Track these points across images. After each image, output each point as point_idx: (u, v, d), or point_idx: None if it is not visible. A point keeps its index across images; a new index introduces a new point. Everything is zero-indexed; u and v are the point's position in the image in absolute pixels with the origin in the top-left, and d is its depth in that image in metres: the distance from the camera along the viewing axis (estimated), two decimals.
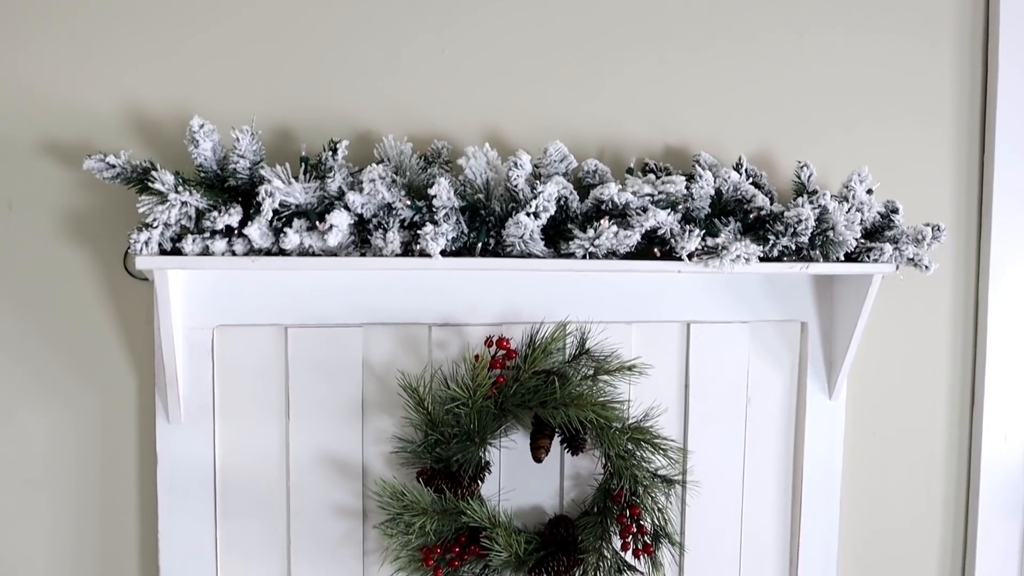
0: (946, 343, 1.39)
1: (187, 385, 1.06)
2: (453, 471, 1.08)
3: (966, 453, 1.42)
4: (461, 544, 1.09)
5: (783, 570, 1.31)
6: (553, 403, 1.07)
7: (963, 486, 1.43)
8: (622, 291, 1.18)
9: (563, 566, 1.10)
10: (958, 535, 1.43)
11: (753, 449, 1.27)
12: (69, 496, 1.07)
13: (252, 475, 1.09)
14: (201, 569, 1.08)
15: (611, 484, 1.13)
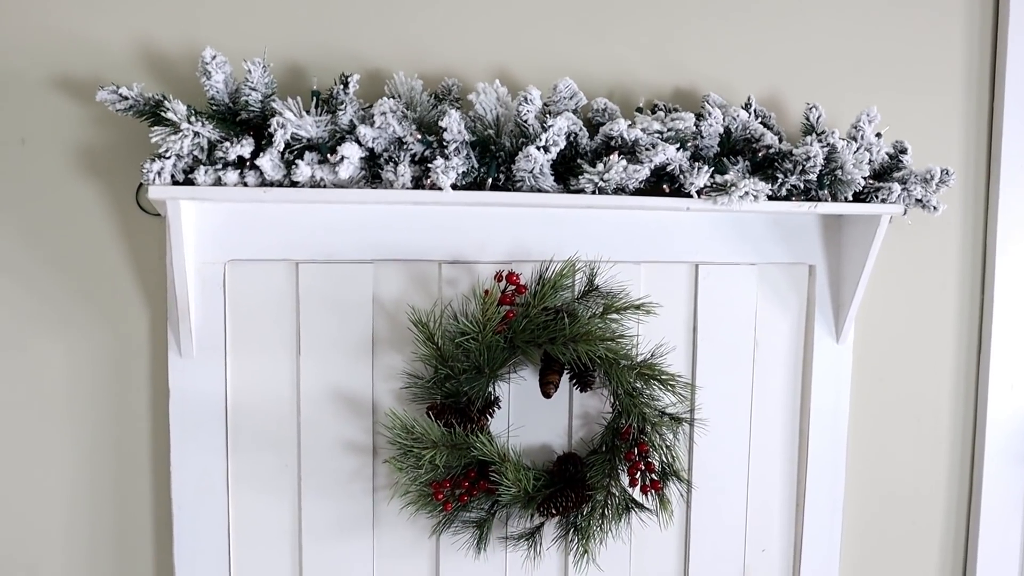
0: (954, 290, 1.40)
1: (199, 319, 1.07)
2: (462, 406, 1.09)
3: (972, 400, 1.43)
4: (470, 479, 1.10)
5: (789, 511, 1.31)
6: (562, 339, 1.07)
7: (969, 433, 1.43)
8: (631, 231, 1.18)
9: (571, 502, 1.11)
10: (963, 482, 1.44)
11: (760, 392, 1.27)
12: (84, 429, 1.08)
13: (263, 410, 1.10)
14: (213, 502, 1.09)
15: (619, 422, 1.14)
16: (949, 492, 1.43)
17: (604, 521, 1.13)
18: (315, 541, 1.12)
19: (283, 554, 1.12)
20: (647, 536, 1.23)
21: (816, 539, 1.32)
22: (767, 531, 1.30)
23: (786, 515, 1.31)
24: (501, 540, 1.17)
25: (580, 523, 1.13)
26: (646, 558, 1.25)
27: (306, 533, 1.12)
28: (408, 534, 1.15)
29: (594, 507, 1.13)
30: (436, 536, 1.15)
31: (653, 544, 1.25)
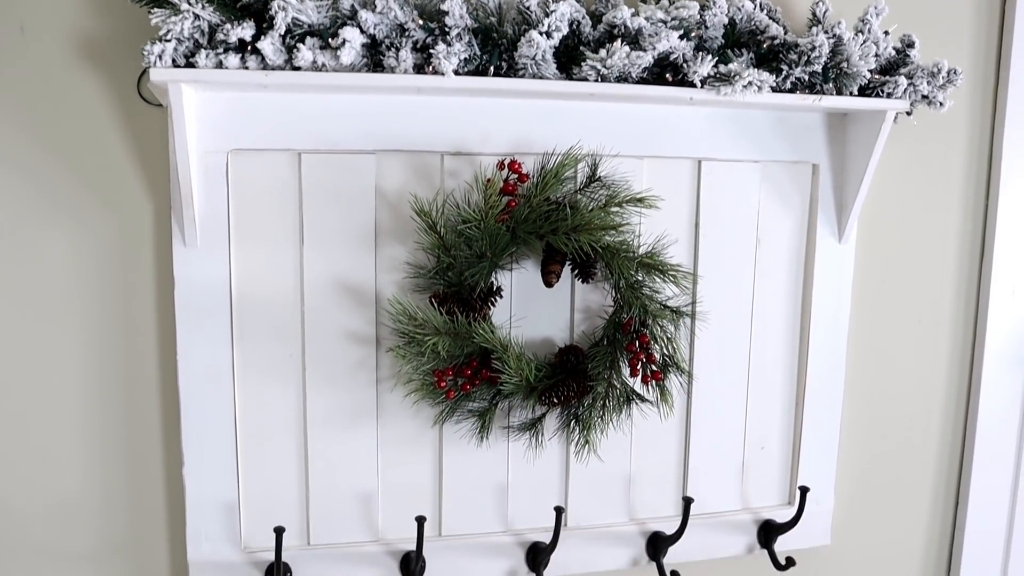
0: (958, 192, 1.39)
1: (202, 209, 1.07)
2: (465, 295, 1.10)
3: (974, 303, 1.43)
4: (473, 368, 1.11)
5: (789, 409, 1.33)
6: (564, 229, 1.07)
7: (969, 335, 1.44)
8: (634, 125, 1.18)
9: (573, 392, 1.13)
10: (962, 383, 1.45)
11: (762, 290, 1.28)
12: (90, 320, 1.09)
13: (268, 300, 1.11)
14: (219, 391, 1.11)
15: (621, 315, 1.15)
16: (948, 393, 1.45)
17: (605, 412, 1.15)
18: (320, 430, 1.14)
19: (289, 442, 1.14)
20: (648, 428, 1.25)
21: (815, 438, 1.34)
22: (766, 429, 1.32)
23: (785, 413, 1.33)
24: (503, 430, 1.18)
25: (581, 414, 1.15)
26: (646, 450, 1.26)
27: (311, 422, 1.14)
28: (412, 424, 1.17)
29: (595, 398, 1.14)
30: (439, 426, 1.17)
31: (654, 437, 1.26)
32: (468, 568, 1.21)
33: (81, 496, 1.13)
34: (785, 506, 1.35)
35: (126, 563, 1.15)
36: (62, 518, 1.12)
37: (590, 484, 1.24)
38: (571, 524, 1.25)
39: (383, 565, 1.18)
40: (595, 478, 1.24)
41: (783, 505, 1.35)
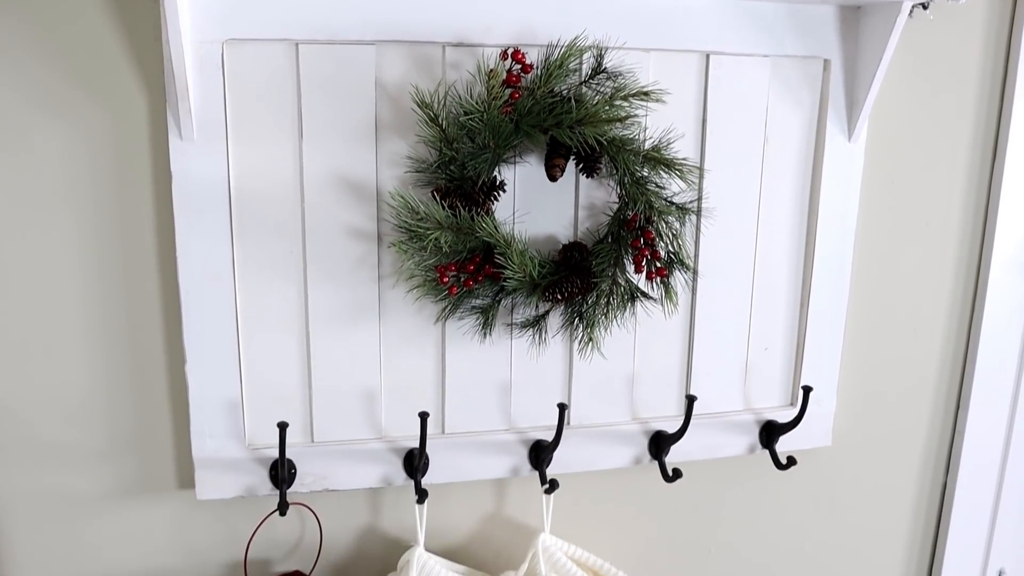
0: (972, 93, 1.36)
1: (198, 101, 1.04)
2: (467, 190, 1.08)
3: (983, 208, 1.41)
4: (476, 264, 1.10)
5: (793, 310, 1.32)
6: (568, 122, 1.05)
7: (977, 241, 1.42)
8: (641, 15, 1.14)
9: (577, 288, 1.12)
10: (968, 289, 1.44)
11: (769, 188, 1.26)
12: (87, 216, 1.08)
13: (267, 195, 1.09)
14: (220, 287, 1.10)
15: (625, 212, 1.13)
16: (953, 298, 1.44)
17: (609, 310, 1.14)
18: (322, 327, 1.14)
19: (291, 340, 1.14)
20: (652, 327, 1.25)
21: (818, 339, 1.33)
22: (770, 329, 1.31)
23: (790, 314, 1.32)
24: (506, 327, 1.18)
25: (585, 311, 1.14)
26: (650, 349, 1.26)
27: (313, 319, 1.13)
28: (414, 321, 1.16)
29: (599, 296, 1.13)
30: (442, 323, 1.17)
31: (657, 335, 1.26)
32: (471, 465, 1.21)
33: (85, 395, 1.13)
34: (787, 407, 1.35)
35: (132, 461, 1.16)
36: (67, 417, 1.13)
37: (593, 383, 1.24)
38: (574, 423, 1.25)
39: (387, 462, 1.18)
40: (598, 377, 1.24)
41: (785, 406, 1.35)
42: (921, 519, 1.54)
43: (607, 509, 1.34)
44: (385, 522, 1.25)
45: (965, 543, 1.58)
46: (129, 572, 1.19)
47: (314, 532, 1.23)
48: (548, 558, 1.20)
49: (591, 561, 1.26)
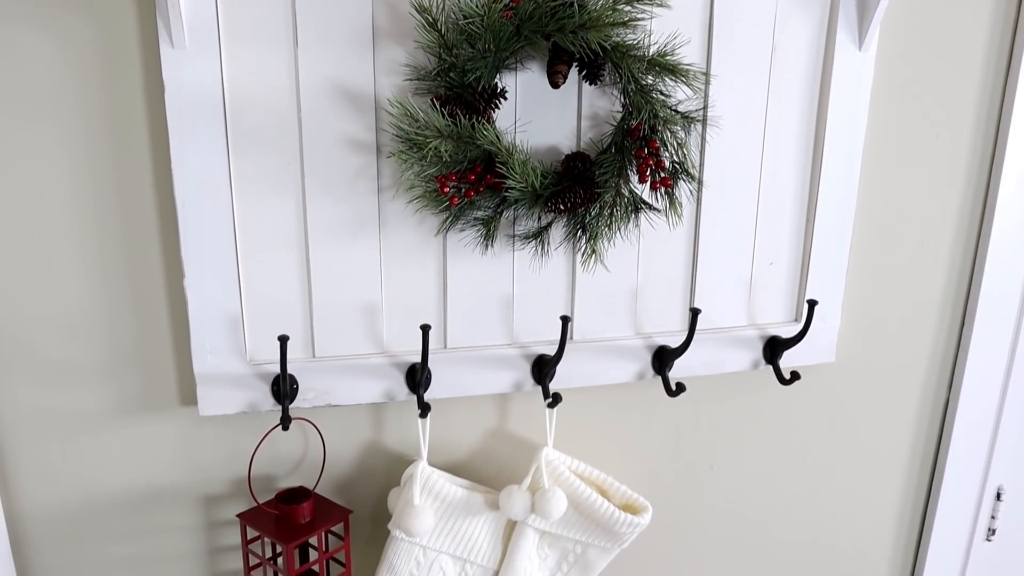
0: (987, 3, 1.31)
1: (188, 6, 1.01)
2: (468, 98, 1.05)
3: (995, 120, 1.38)
4: (477, 174, 1.08)
5: (799, 225, 1.30)
6: (571, 27, 1.02)
7: (988, 154, 1.40)
8: None
9: (579, 199, 1.10)
10: (977, 205, 1.42)
11: (776, 98, 1.23)
12: (78, 130, 1.05)
13: (262, 105, 1.06)
14: (216, 201, 1.08)
15: (629, 121, 1.10)
16: (961, 214, 1.42)
17: (612, 221, 1.12)
18: (321, 241, 1.12)
19: (290, 254, 1.12)
20: (656, 240, 1.23)
21: (824, 255, 1.32)
22: (775, 244, 1.30)
23: (795, 228, 1.30)
24: (508, 239, 1.16)
25: (588, 222, 1.12)
26: (654, 263, 1.24)
27: (312, 233, 1.12)
28: (415, 234, 1.15)
29: (602, 207, 1.12)
30: (443, 234, 1.15)
31: (661, 248, 1.24)
32: (473, 380, 1.21)
33: (84, 312, 1.11)
34: (791, 323, 1.34)
35: (133, 377, 1.15)
36: (67, 334, 1.12)
37: (596, 297, 1.23)
38: (577, 337, 1.24)
39: (389, 377, 1.18)
40: (601, 291, 1.23)
41: (789, 322, 1.34)
42: (922, 435, 1.55)
43: (610, 424, 1.34)
44: (388, 437, 1.25)
45: (965, 461, 1.59)
46: (134, 488, 1.20)
47: (317, 448, 1.23)
48: (551, 472, 1.21)
49: (594, 475, 1.26)
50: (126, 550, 1.23)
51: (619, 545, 1.26)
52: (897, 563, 1.64)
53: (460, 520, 1.21)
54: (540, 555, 1.27)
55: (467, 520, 1.21)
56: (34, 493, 1.17)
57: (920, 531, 1.64)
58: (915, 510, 1.61)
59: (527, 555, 1.24)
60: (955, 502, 1.62)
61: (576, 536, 1.25)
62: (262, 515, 1.17)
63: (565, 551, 1.27)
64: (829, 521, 1.55)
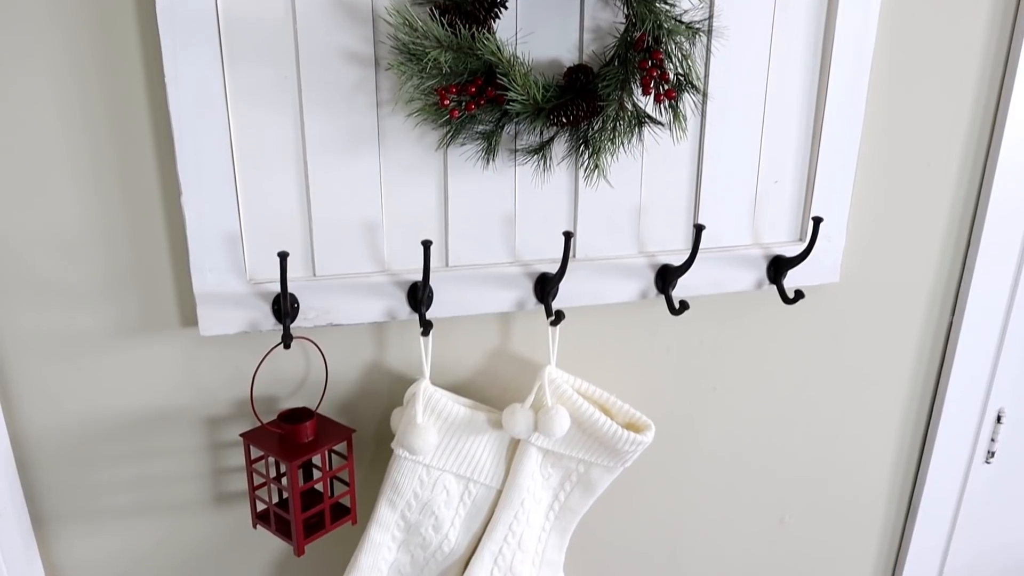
0: None
1: None
2: (467, 8, 1.02)
3: (1007, 37, 1.35)
4: (477, 86, 1.05)
5: (806, 137, 1.28)
6: None
7: (999, 71, 1.37)
8: None
9: (582, 111, 1.07)
10: (986, 122, 1.40)
11: (783, 8, 1.20)
12: (69, 46, 1.02)
13: (257, 17, 1.04)
14: (212, 117, 1.05)
15: (632, 33, 1.07)
16: (971, 129, 1.39)
17: (616, 135, 1.10)
18: (320, 157, 1.10)
19: (288, 171, 1.10)
20: (659, 155, 1.21)
21: (830, 173, 1.30)
22: (781, 161, 1.28)
23: (801, 145, 1.28)
24: (510, 153, 1.14)
25: (591, 136, 1.10)
26: (657, 179, 1.23)
27: (310, 149, 1.10)
28: (415, 149, 1.13)
29: (605, 120, 1.09)
30: (443, 148, 1.13)
31: (665, 165, 1.22)
32: (475, 298, 1.20)
33: (81, 231, 1.10)
34: (796, 242, 1.33)
35: (133, 298, 1.14)
36: (64, 254, 1.10)
37: (599, 215, 1.22)
38: (579, 255, 1.23)
39: (390, 295, 1.17)
40: (604, 209, 1.22)
41: (794, 241, 1.33)
42: (925, 357, 1.55)
43: (612, 344, 1.33)
44: (390, 357, 1.24)
45: (966, 384, 1.59)
46: (137, 410, 1.20)
47: (319, 368, 1.23)
48: (554, 390, 1.21)
49: (597, 394, 1.26)
50: (131, 471, 1.23)
51: (622, 464, 1.27)
52: (897, 483, 1.66)
53: (463, 439, 1.21)
54: (543, 474, 1.27)
55: (470, 439, 1.21)
56: (37, 415, 1.17)
57: (920, 452, 1.65)
58: (915, 431, 1.62)
59: (530, 474, 1.25)
60: (955, 424, 1.62)
61: (579, 455, 1.25)
62: (265, 434, 1.17)
63: (568, 470, 1.28)
64: (830, 442, 1.56)
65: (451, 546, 1.27)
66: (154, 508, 1.26)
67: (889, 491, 1.66)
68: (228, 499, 1.28)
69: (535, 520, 1.30)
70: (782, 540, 1.63)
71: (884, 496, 1.66)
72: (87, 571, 1.28)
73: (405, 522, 1.24)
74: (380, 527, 1.23)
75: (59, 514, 1.23)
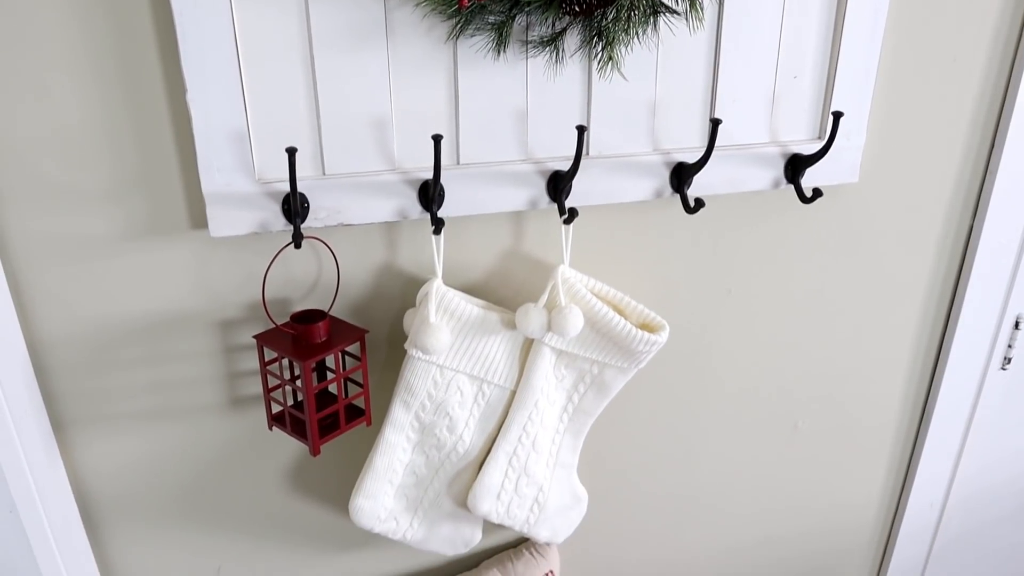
0: None
1: None
2: None
3: None
4: None
5: (827, 31, 1.23)
6: None
7: None
8: None
9: (595, 0, 1.04)
10: (1016, 16, 1.34)
11: None
12: None
13: None
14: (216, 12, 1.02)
15: None
16: (1000, 21, 1.34)
17: (630, 25, 1.07)
18: (327, 52, 1.07)
19: (295, 67, 1.08)
20: (675, 47, 1.17)
21: (851, 70, 1.26)
22: (800, 56, 1.24)
23: (822, 40, 1.24)
24: (522, 45, 1.11)
25: (604, 27, 1.07)
26: (673, 73, 1.19)
27: (317, 44, 1.07)
28: (424, 42, 1.09)
29: (619, 9, 1.06)
30: (453, 41, 1.10)
31: (681, 57, 1.19)
32: (487, 197, 1.18)
33: (85, 133, 1.08)
34: (814, 140, 1.30)
35: (142, 199, 1.13)
36: (70, 156, 1.09)
37: (613, 111, 1.19)
38: (593, 152, 1.21)
39: (401, 194, 1.15)
40: (618, 105, 1.19)
41: (812, 140, 1.30)
42: (944, 261, 1.53)
43: (626, 245, 1.32)
44: (402, 259, 1.23)
45: (985, 289, 1.57)
46: (150, 314, 1.19)
47: (331, 270, 1.22)
48: (568, 289, 1.19)
49: (610, 294, 1.25)
50: (147, 376, 1.24)
51: (636, 365, 1.26)
52: (912, 388, 1.65)
53: (476, 339, 1.21)
54: (557, 376, 1.27)
55: (483, 339, 1.21)
56: (52, 322, 1.17)
57: (936, 358, 1.64)
58: (932, 336, 1.60)
59: (544, 375, 1.25)
60: (973, 330, 1.61)
61: (593, 356, 1.25)
62: (278, 335, 1.17)
63: (582, 372, 1.28)
64: (846, 345, 1.55)
65: (465, 447, 1.28)
66: (171, 412, 1.27)
67: (904, 396, 1.65)
68: (244, 402, 1.29)
69: (549, 422, 1.30)
70: (796, 445, 1.63)
71: (899, 401, 1.66)
72: (107, 473, 1.30)
73: (419, 423, 1.25)
74: (395, 428, 1.24)
75: (78, 419, 1.24)
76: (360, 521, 1.28)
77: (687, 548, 1.71)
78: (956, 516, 1.89)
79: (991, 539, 1.97)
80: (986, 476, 1.85)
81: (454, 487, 1.32)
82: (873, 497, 1.78)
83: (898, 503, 1.83)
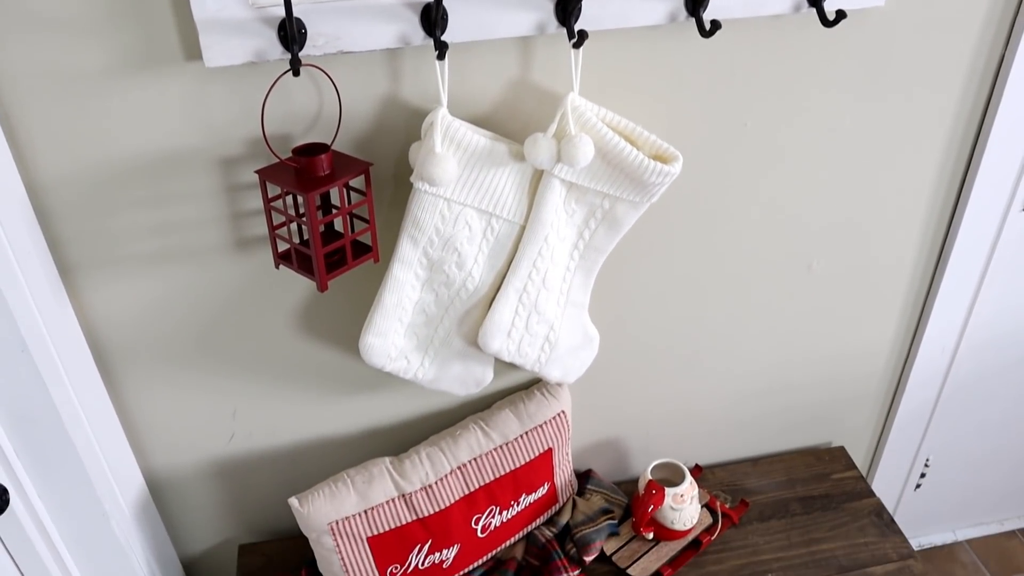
0: None
1: None
2: None
3: None
4: None
5: None
6: None
7: None
8: None
9: None
10: None
11: None
12: None
13: None
14: None
15: None
16: None
17: None
18: None
19: None
20: None
21: None
22: None
23: None
24: None
25: None
26: None
27: None
28: None
29: None
30: None
31: None
32: (493, 20, 1.12)
33: None
34: None
35: (133, 30, 1.08)
36: None
37: None
38: None
39: (402, 18, 1.09)
40: None
41: None
42: (970, 97, 1.45)
43: (638, 73, 1.26)
44: (405, 89, 1.19)
45: (1010, 127, 1.51)
46: (149, 152, 1.17)
47: (332, 103, 1.18)
48: (578, 118, 1.15)
49: (622, 124, 1.21)
50: (150, 217, 1.22)
51: (648, 199, 1.23)
52: (930, 229, 1.61)
53: (484, 171, 1.17)
54: (567, 211, 1.25)
55: (491, 171, 1.18)
56: (49, 163, 1.14)
57: (956, 198, 1.60)
58: (954, 176, 1.56)
59: (554, 209, 1.22)
60: (995, 170, 1.56)
61: (604, 188, 1.22)
62: (281, 170, 1.14)
63: (592, 206, 1.25)
64: (865, 184, 1.50)
65: (475, 283, 1.26)
66: (177, 255, 1.26)
67: (922, 237, 1.62)
68: (250, 242, 1.27)
69: (559, 258, 1.28)
70: (809, 287, 1.61)
71: (916, 242, 1.62)
72: (117, 317, 1.30)
73: (428, 259, 1.23)
74: (403, 264, 1.22)
75: (84, 262, 1.23)
76: (371, 359, 1.28)
77: (697, 391, 1.72)
78: (966, 363, 1.89)
79: (998, 385, 1.98)
80: (998, 323, 1.84)
81: (464, 325, 1.31)
82: (884, 344, 1.78)
83: (909, 349, 1.82)
